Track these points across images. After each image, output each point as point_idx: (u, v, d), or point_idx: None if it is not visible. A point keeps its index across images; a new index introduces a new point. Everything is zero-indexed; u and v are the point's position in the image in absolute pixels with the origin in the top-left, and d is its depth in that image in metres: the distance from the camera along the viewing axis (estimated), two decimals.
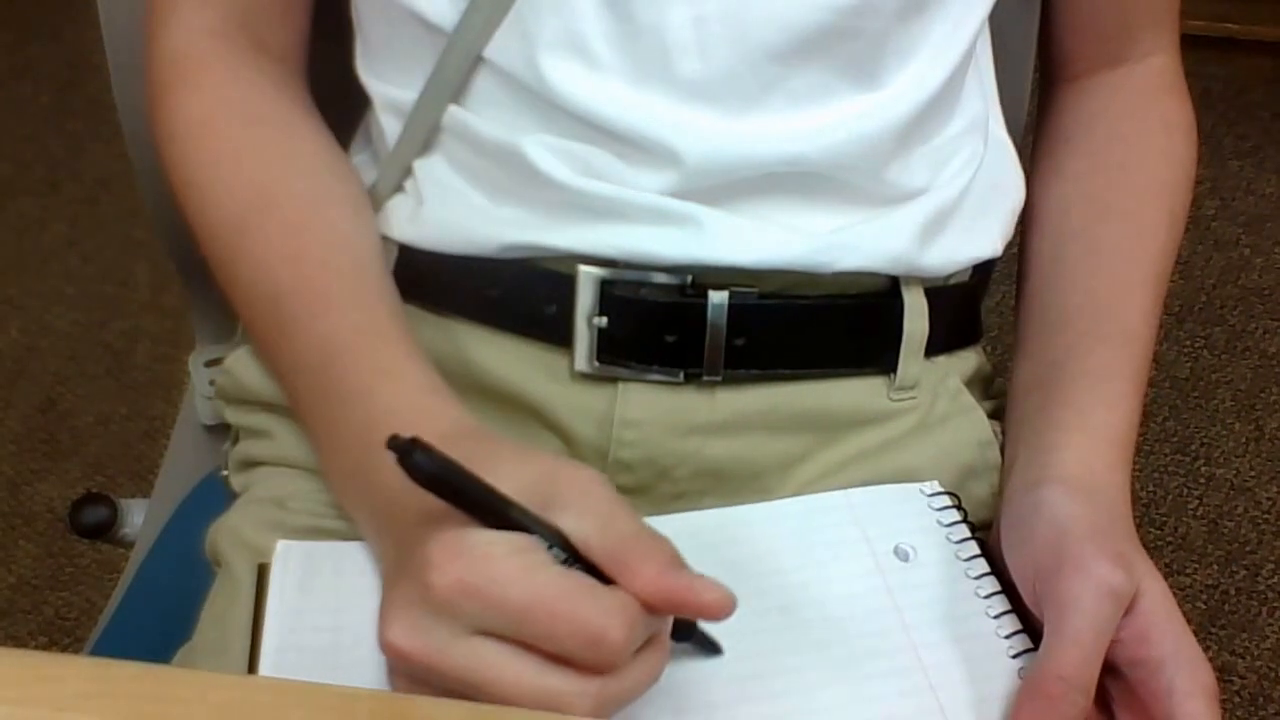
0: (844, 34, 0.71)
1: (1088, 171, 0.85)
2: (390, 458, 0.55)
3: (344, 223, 0.76)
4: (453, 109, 0.75)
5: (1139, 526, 0.71)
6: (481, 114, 0.75)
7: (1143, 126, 0.86)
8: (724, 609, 0.57)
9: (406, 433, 0.56)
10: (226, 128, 0.78)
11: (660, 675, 0.59)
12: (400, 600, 0.58)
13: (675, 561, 0.58)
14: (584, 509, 0.58)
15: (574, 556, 0.57)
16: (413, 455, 0.55)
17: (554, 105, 0.72)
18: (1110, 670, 0.65)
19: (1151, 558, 0.68)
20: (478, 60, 0.73)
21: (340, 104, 0.83)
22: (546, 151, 0.73)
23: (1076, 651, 0.63)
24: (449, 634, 0.56)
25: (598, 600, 0.55)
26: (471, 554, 0.56)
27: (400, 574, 0.59)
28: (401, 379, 0.69)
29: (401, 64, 0.77)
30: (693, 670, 0.65)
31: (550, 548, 0.57)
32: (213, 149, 0.77)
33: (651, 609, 0.57)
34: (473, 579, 0.55)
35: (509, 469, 0.59)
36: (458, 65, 0.74)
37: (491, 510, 0.57)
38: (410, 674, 0.58)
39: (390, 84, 0.79)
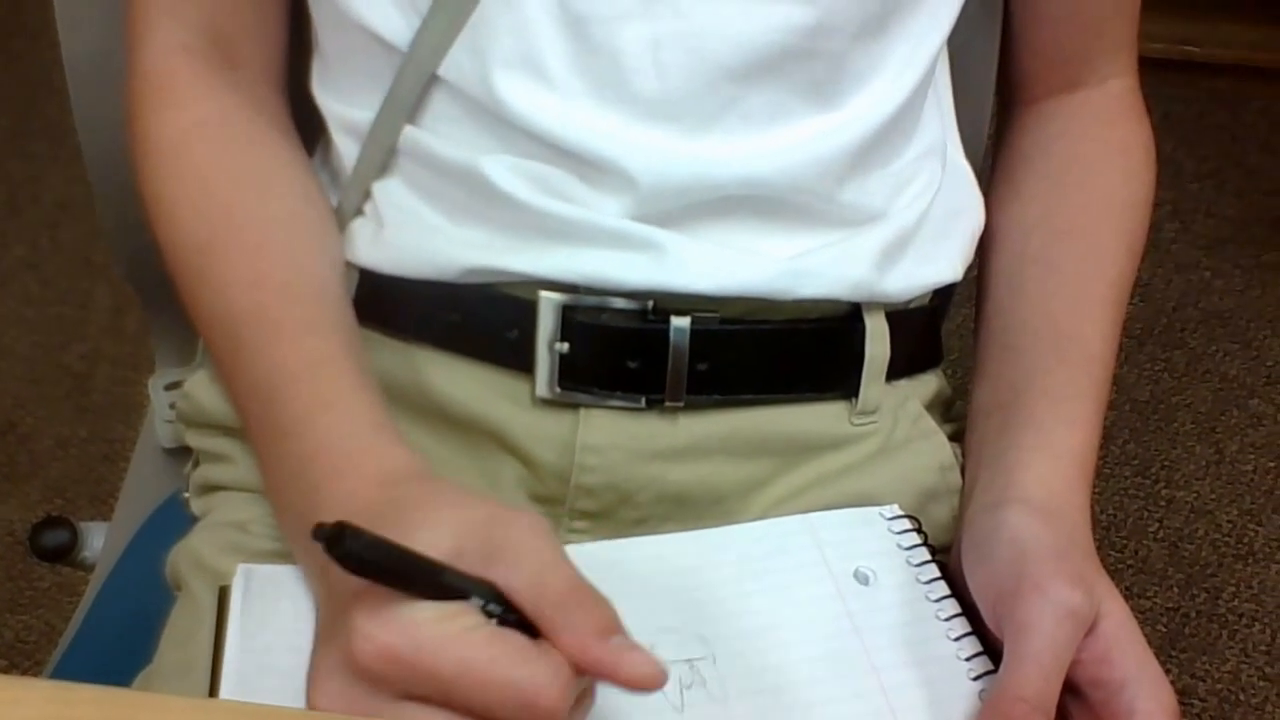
0: (801, 55, 0.71)
1: (1046, 193, 0.85)
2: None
3: (308, 248, 0.75)
4: (409, 129, 0.75)
5: (1099, 549, 0.71)
6: (439, 134, 0.75)
7: (1102, 149, 0.87)
8: (651, 685, 0.56)
9: (341, 469, 0.55)
10: (200, 147, 0.77)
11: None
12: (327, 665, 0.58)
13: (607, 625, 0.57)
14: (518, 562, 0.58)
15: (509, 609, 0.57)
16: (342, 543, 0.54)
17: (509, 124, 0.72)
18: (1072, 691, 0.65)
19: (1112, 580, 0.68)
20: (433, 79, 0.73)
21: (301, 124, 0.83)
22: (506, 171, 0.73)
23: (1037, 672, 0.63)
24: (377, 701, 0.56)
25: (530, 664, 0.55)
26: (398, 621, 0.55)
27: (328, 637, 0.59)
28: (343, 411, 0.68)
29: (358, 82, 0.77)
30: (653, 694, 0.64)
31: (486, 604, 0.57)
32: (185, 168, 0.76)
33: (579, 673, 0.56)
34: (400, 648, 0.55)
35: (447, 514, 0.59)
36: (413, 84, 0.74)
37: (425, 581, 0.56)
38: None
39: (347, 104, 0.79)
